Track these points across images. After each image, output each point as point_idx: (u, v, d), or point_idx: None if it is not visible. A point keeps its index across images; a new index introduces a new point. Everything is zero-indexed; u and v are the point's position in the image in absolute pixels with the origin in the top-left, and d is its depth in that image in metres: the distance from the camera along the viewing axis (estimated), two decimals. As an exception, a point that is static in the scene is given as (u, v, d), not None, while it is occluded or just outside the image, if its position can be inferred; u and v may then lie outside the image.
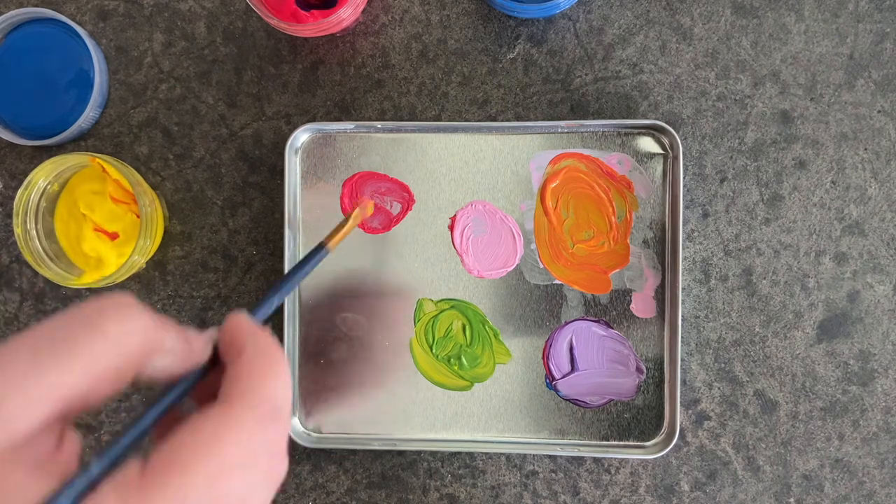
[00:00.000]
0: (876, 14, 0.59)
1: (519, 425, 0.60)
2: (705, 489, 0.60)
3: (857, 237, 0.59)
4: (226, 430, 0.26)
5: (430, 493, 0.61)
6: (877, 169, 0.59)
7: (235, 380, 0.29)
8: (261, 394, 0.28)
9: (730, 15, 0.59)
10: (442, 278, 0.60)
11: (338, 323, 0.60)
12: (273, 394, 0.29)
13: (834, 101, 0.59)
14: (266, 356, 0.30)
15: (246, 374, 0.29)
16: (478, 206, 0.59)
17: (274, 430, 0.28)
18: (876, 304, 0.59)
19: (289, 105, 0.61)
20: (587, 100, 0.60)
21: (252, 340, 0.30)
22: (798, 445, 0.60)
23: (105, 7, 0.62)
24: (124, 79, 0.62)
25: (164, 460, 0.25)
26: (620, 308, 0.59)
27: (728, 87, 0.60)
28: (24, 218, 0.58)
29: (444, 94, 0.61)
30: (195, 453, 0.26)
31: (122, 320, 0.27)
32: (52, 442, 0.26)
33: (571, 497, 0.60)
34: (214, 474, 0.25)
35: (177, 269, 0.62)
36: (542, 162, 0.59)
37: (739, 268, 0.60)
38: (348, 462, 0.62)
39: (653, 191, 0.59)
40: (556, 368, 0.59)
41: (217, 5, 0.61)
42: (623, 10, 0.60)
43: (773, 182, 0.59)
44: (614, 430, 0.59)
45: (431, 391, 0.60)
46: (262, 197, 0.62)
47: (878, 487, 0.59)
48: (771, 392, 0.60)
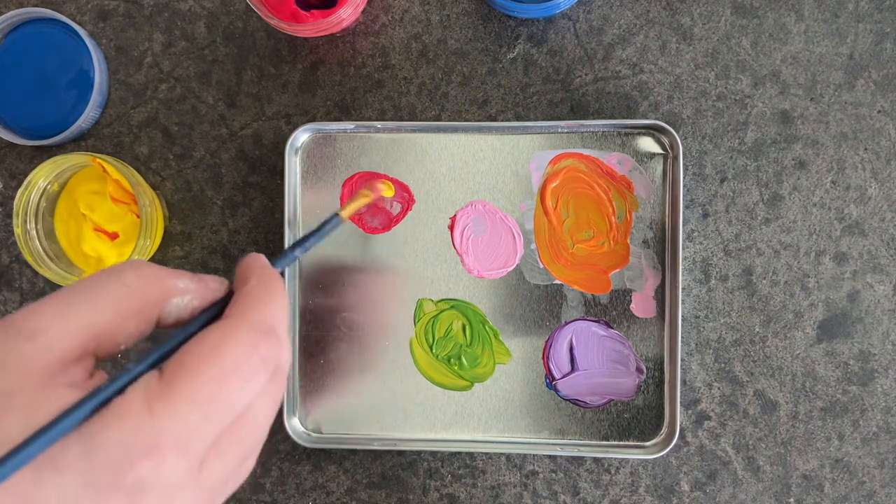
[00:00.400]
0: (876, 14, 0.59)
1: (519, 425, 0.60)
2: (705, 489, 0.60)
3: (857, 237, 0.59)
4: (226, 339, 0.31)
5: (430, 493, 0.61)
6: (877, 169, 0.59)
7: (238, 302, 0.33)
8: (258, 312, 0.33)
9: (730, 15, 0.59)
10: (442, 278, 0.60)
11: (338, 323, 0.60)
12: (269, 313, 0.33)
13: (834, 101, 0.59)
14: (267, 285, 0.34)
15: (247, 297, 0.33)
16: (478, 206, 0.59)
17: (268, 346, 0.32)
18: (876, 304, 0.59)
19: (289, 105, 0.61)
20: (587, 100, 0.60)
21: (258, 273, 0.35)
22: (798, 445, 0.60)
23: (105, 7, 0.62)
24: (124, 79, 0.62)
25: (177, 365, 0.30)
26: (620, 308, 0.59)
27: (728, 87, 0.60)
28: (24, 218, 0.58)
29: (444, 94, 0.61)
30: (202, 358, 0.30)
31: (137, 270, 0.32)
32: (83, 374, 0.30)
33: (571, 497, 0.61)
34: (218, 376, 0.30)
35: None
36: (542, 162, 0.59)
37: (739, 268, 0.60)
38: (348, 462, 0.62)
39: (653, 191, 0.59)
40: (556, 368, 0.59)
41: (217, 5, 0.61)
42: (623, 10, 0.60)
43: (773, 182, 0.59)
44: (614, 430, 0.59)
45: (431, 391, 0.60)
46: (262, 197, 0.62)
47: (878, 487, 0.59)
48: (771, 392, 0.60)
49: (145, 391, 0.28)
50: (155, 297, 0.32)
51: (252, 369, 0.31)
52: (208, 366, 0.30)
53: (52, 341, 0.29)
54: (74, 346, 0.29)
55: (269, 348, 0.32)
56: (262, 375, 0.31)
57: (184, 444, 0.28)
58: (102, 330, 0.30)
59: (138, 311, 0.31)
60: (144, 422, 0.28)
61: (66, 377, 0.29)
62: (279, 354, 0.32)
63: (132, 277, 0.32)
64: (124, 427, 0.27)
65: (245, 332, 0.31)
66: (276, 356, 0.32)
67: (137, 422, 0.27)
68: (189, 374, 0.29)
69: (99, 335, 0.30)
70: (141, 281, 0.32)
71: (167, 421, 0.28)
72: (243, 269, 0.35)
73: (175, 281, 0.33)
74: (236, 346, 0.31)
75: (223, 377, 0.30)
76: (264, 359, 0.31)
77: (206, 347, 0.30)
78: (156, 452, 0.27)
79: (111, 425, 0.27)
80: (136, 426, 0.27)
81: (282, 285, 0.35)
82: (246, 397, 0.31)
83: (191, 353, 0.30)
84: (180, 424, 0.28)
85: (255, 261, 0.36)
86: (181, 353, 0.30)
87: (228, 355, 0.30)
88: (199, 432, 0.29)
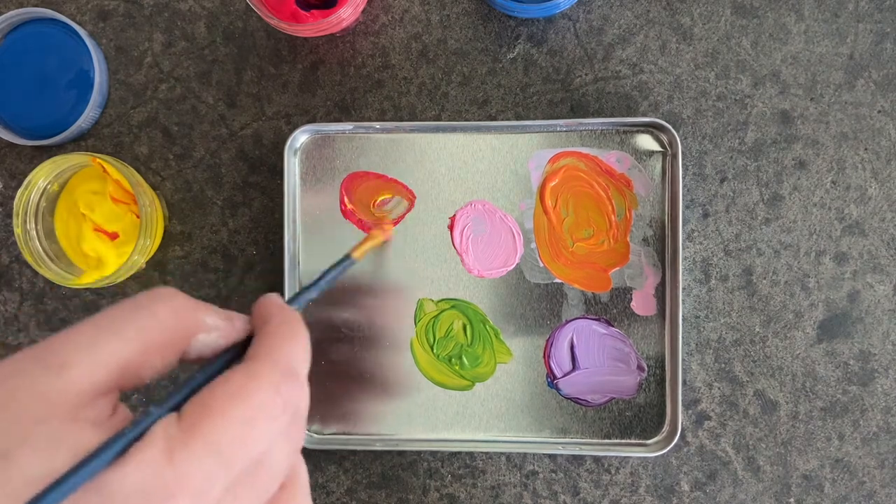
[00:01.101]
0: (876, 14, 0.59)
1: (520, 424, 0.59)
2: (705, 489, 0.60)
3: (858, 237, 0.59)
4: (251, 379, 0.30)
5: (430, 493, 0.61)
6: (877, 169, 0.59)
7: (260, 342, 0.32)
8: (280, 353, 0.32)
9: (730, 15, 0.59)
10: (442, 278, 0.60)
11: (338, 324, 0.60)
12: (291, 354, 0.32)
13: (834, 101, 0.59)
14: (288, 325, 0.33)
15: (269, 337, 0.32)
16: (477, 206, 0.59)
17: (291, 387, 0.31)
18: (876, 304, 0.59)
19: (289, 105, 0.61)
20: (587, 100, 0.60)
21: (278, 312, 0.34)
22: (798, 445, 0.60)
23: (105, 7, 0.62)
24: (124, 79, 0.62)
25: (201, 406, 0.29)
26: (621, 306, 0.59)
27: (728, 87, 0.60)
28: (24, 218, 0.58)
29: (444, 94, 0.61)
30: (227, 400, 0.29)
31: (168, 302, 0.31)
32: (107, 409, 0.29)
33: (571, 497, 0.60)
34: (245, 418, 0.29)
35: (177, 269, 0.62)
36: (541, 161, 0.59)
37: (739, 268, 0.60)
38: (348, 462, 0.62)
39: (652, 189, 0.59)
40: (557, 367, 0.59)
41: (217, 5, 0.62)
42: (623, 10, 0.60)
43: (773, 182, 0.59)
44: (616, 429, 0.59)
45: (432, 391, 0.60)
46: (261, 197, 0.62)
47: (879, 487, 0.59)
48: (771, 392, 0.60)
49: (165, 437, 0.28)
50: (184, 331, 0.31)
51: (275, 412, 0.30)
52: (232, 408, 0.29)
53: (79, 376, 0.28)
54: (101, 381, 0.29)
55: (292, 391, 0.31)
56: (282, 419, 0.30)
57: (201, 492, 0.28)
58: (130, 364, 0.29)
59: (166, 345, 0.31)
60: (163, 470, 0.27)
61: (91, 412, 0.28)
62: (301, 397, 0.32)
63: (164, 310, 0.31)
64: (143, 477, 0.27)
65: (268, 374, 0.30)
66: (298, 399, 0.31)
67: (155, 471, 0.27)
68: (212, 417, 0.28)
69: (125, 369, 0.29)
70: (173, 315, 0.31)
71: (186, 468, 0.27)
72: (261, 310, 0.34)
73: (204, 316, 0.32)
74: (260, 389, 0.30)
75: (248, 420, 0.29)
76: (286, 402, 0.30)
77: (232, 388, 0.29)
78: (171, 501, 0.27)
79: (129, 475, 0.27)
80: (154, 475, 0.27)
81: (303, 326, 0.34)
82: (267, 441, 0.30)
83: (214, 395, 0.29)
84: (199, 471, 0.27)
85: (273, 301, 0.35)
86: (204, 395, 0.29)
87: (254, 398, 0.29)
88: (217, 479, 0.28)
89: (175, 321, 0.31)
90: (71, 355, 0.28)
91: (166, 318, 0.31)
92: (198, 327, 0.32)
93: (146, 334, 0.30)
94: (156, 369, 0.31)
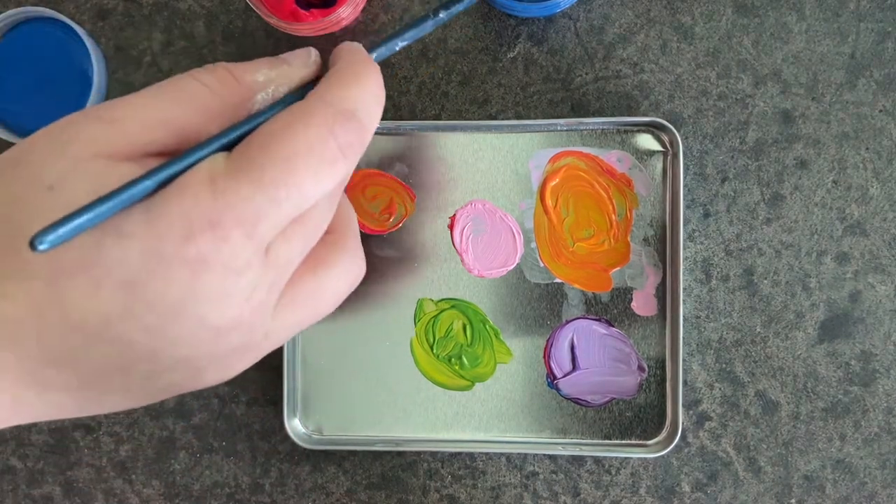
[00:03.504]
0: (878, 13, 0.59)
1: (520, 425, 0.59)
2: (706, 490, 0.60)
3: (859, 237, 0.59)
4: (298, 119, 0.29)
5: (430, 493, 0.61)
6: (878, 169, 0.59)
7: (320, 84, 0.31)
8: (339, 94, 0.30)
9: (731, 14, 0.59)
10: (442, 278, 0.59)
11: (338, 323, 0.60)
12: (352, 96, 0.31)
13: (835, 101, 0.59)
14: (355, 68, 0.32)
15: (330, 78, 0.31)
16: (477, 206, 0.59)
17: (346, 131, 0.30)
18: (878, 305, 0.59)
19: (288, 104, 0.61)
20: (588, 99, 0.60)
21: (348, 56, 0.32)
22: (799, 446, 0.60)
23: (104, 6, 0.62)
24: (123, 78, 0.62)
25: (245, 145, 0.29)
26: (621, 306, 0.59)
27: (729, 86, 0.59)
28: (22, 217, 0.58)
29: (444, 93, 0.61)
30: (270, 137, 0.28)
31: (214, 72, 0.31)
32: None
33: (572, 498, 0.60)
34: (287, 157, 0.28)
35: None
36: (541, 160, 0.59)
37: (740, 268, 0.59)
38: (348, 463, 0.61)
39: (653, 188, 0.58)
40: (558, 367, 0.59)
41: (216, 4, 0.61)
42: (624, 9, 0.60)
43: (774, 182, 0.59)
44: (616, 429, 0.59)
45: (432, 391, 0.60)
46: (261, 196, 0.61)
47: (880, 488, 0.59)
48: (772, 393, 0.60)
49: (209, 169, 0.28)
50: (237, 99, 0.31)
51: (328, 154, 0.29)
52: (276, 145, 0.28)
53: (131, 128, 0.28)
54: (154, 139, 0.29)
55: (348, 133, 0.30)
56: (340, 164, 0.29)
57: (249, 226, 0.27)
58: (185, 127, 0.29)
59: (221, 113, 0.30)
60: (206, 198, 0.27)
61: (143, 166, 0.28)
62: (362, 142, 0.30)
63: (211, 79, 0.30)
64: (185, 201, 0.27)
65: (321, 113, 0.29)
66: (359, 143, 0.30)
67: (198, 197, 0.27)
68: (255, 154, 0.28)
69: (181, 132, 0.29)
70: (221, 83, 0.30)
71: (230, 199, 0.27)
72: (333, 57, 0.33)
73: (254, 76, 0.31)
74: (309, 127, 0.29)
75: (292, 158, 0.28)
76: (342, 145, 0.29)
77: (277, 126, 0.29)
78: (219, 229, 0.27)
79: (173, 198, 0.27)
80: (197, 201, 0.27)
81: (374, 69, 0.32)
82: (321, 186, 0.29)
83: (260, 133, 0.29)
84: (244, 205, 0.27)
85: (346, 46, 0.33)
86: (254, 133, 0.29)
87: (301, 135, 0.28)
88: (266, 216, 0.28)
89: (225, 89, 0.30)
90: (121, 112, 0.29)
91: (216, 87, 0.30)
92: (250, 90, 0.31)
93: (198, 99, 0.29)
94: None
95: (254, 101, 0.31)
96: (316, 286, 0.33)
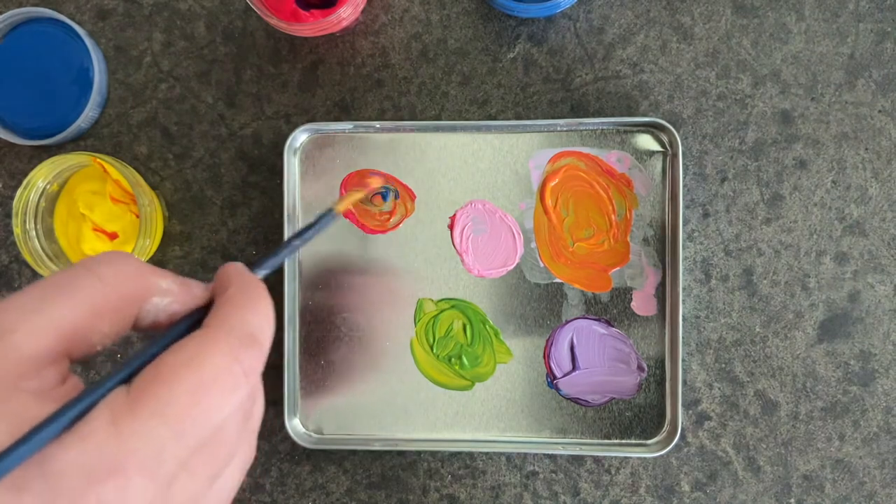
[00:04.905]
0: (877, 13, 0.59)
1: (520, 424, 0.59)
2: (706, 489, 0.60)
3: (858, 237, 0.59)
4: (205, 348, 0.28)
5: (430, 493, 0.61)
6: (877, 169, 0.59)
7: (217, 310, 0.31)
8: (239, 320, 0.30)
9: (730, 14, 0.59)
10: (442, 278, 0.60)
11: (338, 323, 0.60)
12: (250, 321, 0.31)
13: (834, 101, 0.59)
14: (247, 291, 0.32)
15: (227, 304, 0.31)
16: (477, 206, 0.59)
17: (249, 356, 0.29)
18: (877, 305, 0.59)
19: (288, 105, 0.61)
20: (587, 99, 0.60)
21: (238, 279, 0.32)
22: (798, 446, 0.60)
23: (104, 6, 0.62)
24: (124, 78, 0.62)
25: (149, 377, 0.27)
26: (621, 306, 0.59)
27: (728, 86, 0.60)
28: (23, 218, 0.58)
29: (444, 93, 0.61)
30: (177, 369, 0.28)
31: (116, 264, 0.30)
32: (55, 378, 0.28)
33: (572, 497, 0.60)
34: (196, 389, 0.27)
35: (176, 269, 0.62)
36: (541, 160, 0.59)
37: (740, 268, 0.60)
38: (348, 462, 0.61)
39: (652, 188, 0.59)
40: (558, 367, 0.59)
41: (216, 5, 0.61)
42: (623, 10, 0.60)
43: (773, 182, 0.59)
44: (616, 429, 0.59)
45: (432, 391, 0.60)
46: (261, 197, 0.62)
47: (879, 488, 0.59)
48: (771, 392, 0.60)
49: (111, 408, 0.26)
50: (133, 294, 0.30)
51: (233, 381, 0.29)
52: (184, 377, 0.27)
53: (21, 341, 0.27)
54: (46, 347, 0.27)
55: (251, 358, 0.29)
56: (243, 388, 0.29)
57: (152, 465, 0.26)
58: (76, 329, 0.28)
59: (115, 309, 0.29)
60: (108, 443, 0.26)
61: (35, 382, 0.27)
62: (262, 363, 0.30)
63: (109, 272, 0.29)
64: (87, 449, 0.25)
65: (224, 341, 0.29)
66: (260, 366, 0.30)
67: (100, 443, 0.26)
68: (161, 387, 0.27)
69: (72, 335, 0.28)
70: (119, 276, 0.29)
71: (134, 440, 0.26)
72: (221, 278, 0.33)
73: (157, 279, 0.31)
74: (215, 356, 0.28)
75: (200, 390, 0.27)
76: (246, 370, 0.29)
77: (182, 357, 0.28)
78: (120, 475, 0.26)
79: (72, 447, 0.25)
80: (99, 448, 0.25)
81: (264, 291, 0.32)
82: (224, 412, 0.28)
83: (164, 363, 0.28)
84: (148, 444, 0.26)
85: (232, 268, 0.33)
86: (155, 365, 0.28)
87: (207, 366, 0.28)
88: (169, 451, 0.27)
89: (124, 284, 0.29)
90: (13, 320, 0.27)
91: (114, 280, 0.29)
92: (149, 291, 0.30)
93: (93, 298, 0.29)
94: (105, 335, 0.30)
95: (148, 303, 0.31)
96: None
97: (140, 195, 0.57)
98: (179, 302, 0.31)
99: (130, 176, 0.58)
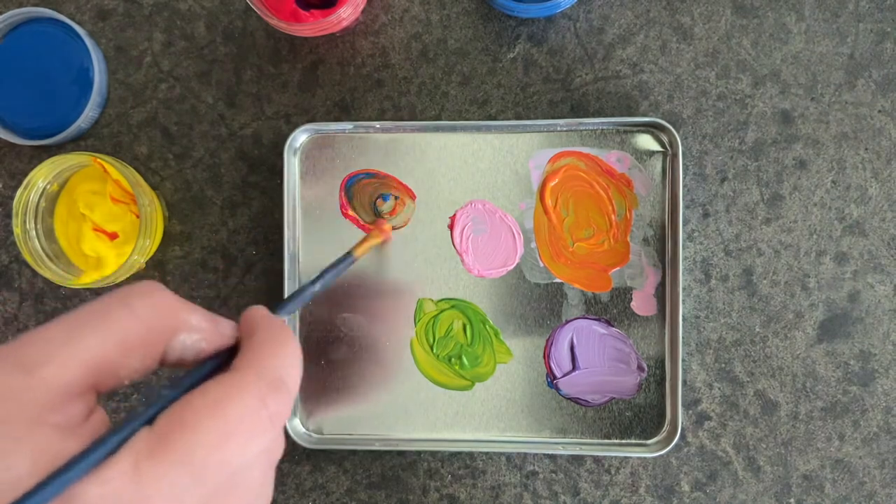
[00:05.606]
0: (876, 14, 0.59)
1: (520, 424, 0.59)
2: (706, 489, 0.60)
3: (858, 237, 0.59)
4: (232, 393, 0.28)
5: (430, 493, 0.61)
6: (877, 169, 0.59)
7: (245, 353, 0.31)
8: (267, 365, 0.30)
9: (730, 15, 0.59)
10: (442, 278, 0.60)
11: (338, 323, 0.60)
12: (279, 365, 0.30)
13: (834, 101, 0.59)
14: (276, 336, 0.32)
15: (256, 348, 0.31)
16: (477, 206, 0.59)
17: (277, 402, 0.29)
18: (876, 305, 0.59)
19: (288, 105, 0.61)
20: (587, 99, 0.60)
21: (265, 324, 0.32)
22: (798, 446, 0.60)
23: (104, 6, 0.62)
24: (124, 78, 0.62)
25: (174, 421, 0.27)
26: (621, 306, 0.59)
27: (728, 86, 0.60)
28: (23, 218, 0.58)
29: (444, 93, 0.61)
30: (203, 413, 0.27)
31: (148, 298, 0.30)
32: (82, 412, 0.28)
33: (572, 497, 0.60)
34: (221, 435, 0.27)
35: (176, 269, 0.62)
36: (541, 160, 0.59)
37: (740, 268, 0.60)
38: (348, 462, 0.61)
39: (652, 188, 0.59)
40: (557, 367, 0.59)
41: (217, 5, 0.61)
42: (623, 10, 0.60)
43: (773, 182, 0.59)
44: (616, 429, 0.59)
45: (432, 391, 0.60)
46: (261, 197, 0.62)
47: (879, 488, 0.59)
48: (771, 392, 0.60)
49: (133, 451, 0.26)
50: (164, 329, 0.30)
51: (259, 426, 0.28)
52: (209, 423, 0.27)
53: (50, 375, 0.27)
54: (73, 380, 0.27)
55: (279, 404, 0.29)
56: (269, 433, 0.29)
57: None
58: (105, 363, 0.28)
59: (144, 344, 0.29)
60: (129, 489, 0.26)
61: (61, 415, 0.27)
62: (289, 409, 0.30)
63: (142, 306, 0.29)
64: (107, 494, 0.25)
65: (254, 385, 0.29)
66: (286, 412, 0.30)
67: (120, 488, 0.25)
68: (185, 432, 0.27)
69: (101, 369, 0.28)
70: (152, 310, 0.29)
71: (155, 487, 0.26)
72: (247, 321, 0.33)
73: (188, 315, 0.31)
74: (243, 401, 0.28)
75: (225, 435, 0.27)
76: (272, 415, 0.29)
77: (209, 401, 0.28)
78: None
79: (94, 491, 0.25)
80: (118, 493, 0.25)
81: (291, 335, 0.32)
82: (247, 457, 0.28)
83: (190, 408, 0.27)
84: (169, 489, 0.26)
85: (257, 312, 0.33)
86: (180, 407, 0.28)
87: (234, 409, 0.28)
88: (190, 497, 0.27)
89: (155, 318, 0.29)
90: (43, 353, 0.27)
91: (145, 314, 0.29)
92: (179, 327, 0.30)
93: (123, 332, 0.28)
94: (134, 370, 0.29)
95: (175, 340, 0.30)
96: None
97: (140, 195, 0.57)
98: (208, 340, 0.31)
99: (130, 176, 0.58)
